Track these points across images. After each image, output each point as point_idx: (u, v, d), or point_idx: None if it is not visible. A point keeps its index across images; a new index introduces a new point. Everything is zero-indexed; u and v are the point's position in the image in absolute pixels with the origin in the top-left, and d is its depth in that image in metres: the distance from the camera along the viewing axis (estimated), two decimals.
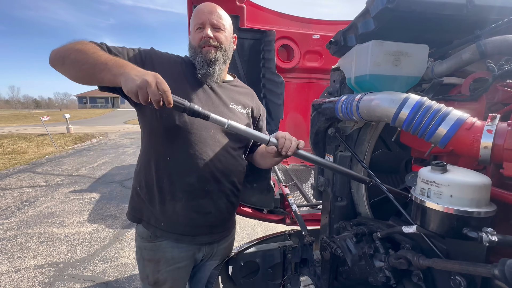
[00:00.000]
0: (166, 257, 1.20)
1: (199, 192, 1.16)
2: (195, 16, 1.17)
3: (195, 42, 1.17)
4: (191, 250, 1.24)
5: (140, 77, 0.82)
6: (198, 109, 0.91)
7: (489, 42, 0.82)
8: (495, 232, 0.62)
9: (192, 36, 1.19)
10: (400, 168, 1.28)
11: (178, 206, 1.15)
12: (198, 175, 1.14)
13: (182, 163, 1.13)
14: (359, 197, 1.24)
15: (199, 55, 1.16)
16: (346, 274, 1.22)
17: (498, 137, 0.65)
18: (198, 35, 1.16)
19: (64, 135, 13.61)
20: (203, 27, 1.15)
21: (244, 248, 1.52)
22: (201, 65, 1.16)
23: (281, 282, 1.58)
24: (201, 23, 1.15)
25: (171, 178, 1.14)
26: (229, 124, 0.96)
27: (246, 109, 1.30)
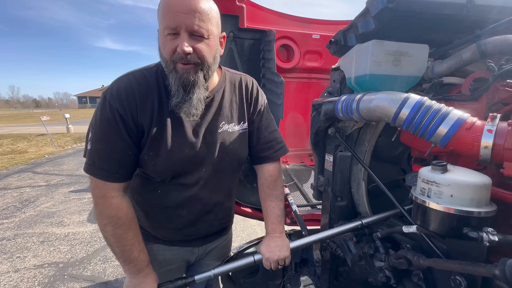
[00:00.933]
0: (157, 260, 1.18)
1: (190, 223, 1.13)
2: (165, 15, 0.82)
3: (166, 53, 0.85)
4: (183, 252, 1.23)
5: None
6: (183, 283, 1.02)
7: (489, 42, 0.82)
8: (495, 232, 0.62)
9: (161, 42, 0.86)
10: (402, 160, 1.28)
11: (169, 233, 1.15)
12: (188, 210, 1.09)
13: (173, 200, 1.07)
14: (359, 197, 1.24)
15: (173, 73, 0.88)
16: (346, 274, 1.22)
17: (499, 137, 0.65)
18: (170, 44, 0.84)
19: (64, 135, 13.60)
20: (176, 33, 0.83)
21: (244, 248, 1.52)
22: (175, 89, 0.88)
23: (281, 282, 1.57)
24: (173, 28, 0.82)
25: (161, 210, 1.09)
26: (214, 273, 1.05)
27: (241, 124, 1.10)
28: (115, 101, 0.88)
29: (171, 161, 0.96)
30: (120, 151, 0.91)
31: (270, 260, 1.09)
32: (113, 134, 0.89)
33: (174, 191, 1.05)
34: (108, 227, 0.94)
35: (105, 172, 0.90)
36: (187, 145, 0.98)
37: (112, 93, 0.89)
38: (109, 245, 0.98)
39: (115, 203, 0.93)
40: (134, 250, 0.98)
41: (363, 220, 1.09)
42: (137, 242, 0.99)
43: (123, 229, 0.95)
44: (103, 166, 0.90)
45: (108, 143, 0.89)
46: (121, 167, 0.92)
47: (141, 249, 1.00)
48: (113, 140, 0.89)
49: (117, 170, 0.92)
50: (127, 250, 0.97)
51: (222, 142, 1.05)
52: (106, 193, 0.92)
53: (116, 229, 0.94)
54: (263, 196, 1.19)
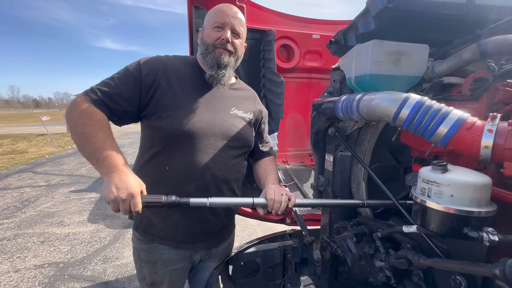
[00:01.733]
0: (163, 259, 1.19)
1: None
2: (216, 14, 1.14)
3: (210, 40, 1.14)
4: (188, 252, 1.24)
5: (116, 193, 0.86)
6: (177, 200, 0.94)
7: (489, 42, 0.82)
8: (495, 232, 0.62)
9: (207, 33, 1.16)
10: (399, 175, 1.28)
11: (177, 216, 1.14)
12: (196, 185, 1.12)
13: (181, 173, 1.10)
14: (359, 197, 1.24)
15: (212, 54, 1.14)
16: (346, 274, 1.22)
17: (499, 137, 0.65)
18: (216, 34, 1.13)
19: (64, 135, 13.61)
20: (223, 28, 1.13)
21: (244, 248, 1.52)
22: (211, 65, 1.15)
23: (281, 282, 1.58)
24: (222, 23, 1.13)
25: (169, 188, 1.09)
26: (210, 202, 0.98)
27: (248, 114, 1.27)
28: (144, 60, 1.12)
29: (186, 120, 1.08)
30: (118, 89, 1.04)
31: (275, 194, 1.05)
32: (122, 76, 1.07)
33: (182, 163, 1.10)
34: (78, 126, 0.96)
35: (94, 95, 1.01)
36: (202, 112, 1.13)
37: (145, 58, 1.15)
38: (79, 147, 0.96)
39: (91, 109, 0.99)
40: (106, 148, 0.94)
41: (366, 201, 1.06)
42: (110, 143, 0.96)
43: (94, 129, 0.96)
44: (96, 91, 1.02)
45: (114, 80, 1.06)
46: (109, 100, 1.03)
47: (114, 149, 0.96)
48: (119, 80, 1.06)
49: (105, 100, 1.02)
50: (98, 147, 0.93)
51: (232, 122, 1.20)
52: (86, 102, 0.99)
53: (86, 128, 0.95)
54: (263, 167, 1.35)
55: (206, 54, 1.15)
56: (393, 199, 0.98)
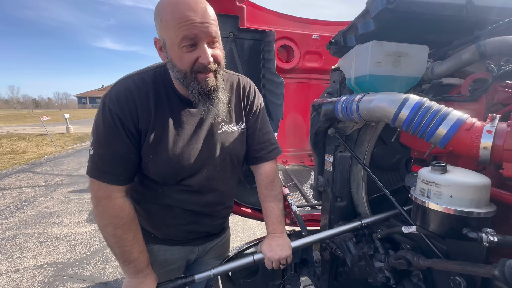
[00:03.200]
0: (159, 260, 1.19)
1: (192, 219, 1.14)
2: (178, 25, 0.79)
3: (185, 66, 0.85)
4: (184, 252, 1.24)
5: None
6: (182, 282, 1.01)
7: (488, 43, 0.83)
8: (495, 233, 0.62)
9: (175, 55, 0.84)
10: (400, 166, 1.28)
11: (170, 230, 1.16)
12: (191, 208, 1.10)
13: (175, 199, 1.07)
14: (359, 198, 1.24)
15: (194, 83, 0.88)
16: (346, 275, 1.22)
17: (498, 138, 0.65)
18: (189, 56, 0.83)
19: (63, 135, 13.59)
20: (195, 44, 0.82)
21: (244, 248, 1.52)
22: (198, 98, 0.91)
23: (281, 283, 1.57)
24: (192, 39, 0.81)
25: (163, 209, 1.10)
26: (214, 273, 1.04)
27: (240, 124, 1.12)
28: (115, 106, 0.88)
29: (171, 163, 0.97)
30: (123, 154, 0.92)
31: (272, 259, 1.08)
32: (115, 139, 0.90)
33: (176, 192, 1.05)
34: (109, 227, 0.94)
35: (109, 176, 0.91)
36: (188, 147, 0.99)
37: (111, 98, 0.90)
38: (109, 245, 0.99)
39: (118, 204, 0.94)
40: (134, 251, 0.98)
41: (363, 221, 1.09)
42: (137, 243, 0.99)
43: (124, 230, 0.96)
44: (107, 170, 0.91)
45: (110, 147, 0.90)
46: (125, 170, 0.94)
47: (141, 250, 1.01)
48: (116, 145, 0.90)
49: (121, 173, 0.93)
50: (127, 251, 0.97)
51: (222, 142, 1.06)
52: (110, 195, 0.93)
53: (117, 229, 0.94)
54: (262, 197, 1.20)
55: (186, 84, 0.89)
56: (393, 199, 0.98)
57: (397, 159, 1.27)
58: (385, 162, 1.25)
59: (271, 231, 1.17)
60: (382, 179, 1.05)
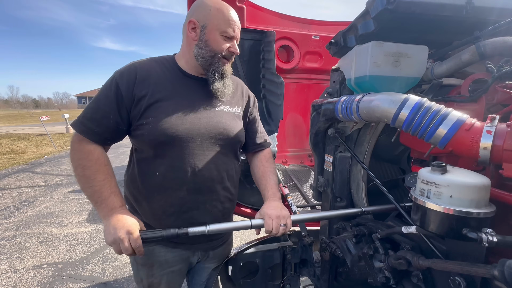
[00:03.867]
0: (159, 261, 1.18)
1: (191, 204, 1.12)
2: (226, 22, 1.06)
3: (219, 49, 1.08)
4: (185, 254, 1.23)
5: (114, 233, 0.91)
6: (175, 232, 0.95)
7: (488, 44, 0.83)
8: (494, 233, 0.62)
9: (214, 38, 1.07)
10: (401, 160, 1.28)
11: (171, 220, 1.12)
12: (188, 188, 1.10)
13: (171, 178, 1.08)
14: (359, 198, 1.24)
15: (218, 64, 1.10)
16: (346, 275, 1.22)
17: (498, 138, 0.66)
18: (225, 43, 1.08)
19: (63, 135, 13.58)
20: (230, 39, 1.09)
21: (244, 248, 1.52)
22: (217, 77, 1.11)
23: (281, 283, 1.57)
24: (231, 35, 1.08)
25: (161, 193, 1.10)
26: (208, 230, 0.99)
27: (235, 108, 1.23)
28: (118, 74, 1.06)
29: (169, 124, 1.05)
30: (103, 112, 1.03)
31: (272, 217, 1.05)
32: (103, 97, 1.04)
33: (171, 168, 1.08)
34: (79, 169, 1.00)
35: (82, 127, 1.02)
36: (185, 113, 1.09)
37: (119, 69, 1.09)
38: (81, 188, 1.02)
39: (88, 148, 1.02)
40: (105, 191, 0.99)
41: (364, 208, 1.07)
42: (108, 185, 1.01)
43: (92, 171, 1.00)
44: (83, 121, 1.03)
45: (96, 103, 1.04)
46: (97, 126, 1.02)
47: (112, 191, 1.01)
48: (101, 102, 1.04)
49: (93, 127, 1.02)
50: (97, 190, 0.99)
51: (218, 118, 1.15)
52: (81, 140, 1.02)
53: (85, 170, 1.00)
54: (261, 169, 1.28)
55: (210, 62, 1.09)
56: (392, 199, 0.99)
57: (400, 151, 1.27)
58: (388, 153, 1.25)
59: (271, 196, 1.17)
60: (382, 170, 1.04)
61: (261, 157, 1.32)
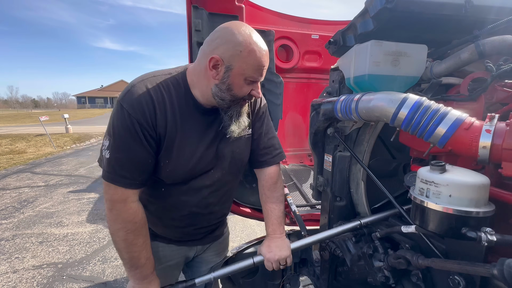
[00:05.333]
0: (157, 256, 1.19)
1: (190, 221, 1.15)
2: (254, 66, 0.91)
3: (242, 94, 0.96)
4: (182, 248, 1.26)
5: None
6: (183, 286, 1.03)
7: (487, 42, 0.83)
8: (493, 232, 0.62)
9: (238, 83, 0.93)
10: (398, 172, 1.28)
11: (168, 230, 1.17)
12: (190, 210, 1.11)
13: (176, 202, 1.09)
14: (358, 197, 1.24)
15: (236, 107, 0.99)
16: (345, 274, 1.23)
17: (497, 137, 0.66)
18: (248, 88, 0.96)
19: (63, 135, 13.57)
20: (255, 83, 0.97)
21: (243, 248, 1.52)
22: (233, 119, 1.01)
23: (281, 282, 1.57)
24: (257, 79, 0.95)
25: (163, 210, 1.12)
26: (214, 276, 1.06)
27: (246, 129, 1.12)
28: (134, 111, 0.89)
29: (188, 167, 1.00)
30: (142, 159, 0.93)
31: (271, 260, 1.09)
32: (134, 144, 0.90)
33: (180, 192, 1.07)
34: (122, 232, 0.94)
35: (127, 180, 0.92)
36: (203, 152, 1.02)
37: (130, 101, 0.89)
38: (118, 250, 0.98)
39: (133, 208, 0.95)
40: (142, 257, 0.99)
41: (362, 220, 1.09)
42: (146, 249, 1.00)
43: (135, 235, 0.96)
44: (124, 174, 0.91)
45: (129, 152, 0.91)
46: (141, 174, 0.94)
47: (148, 257, 1.02)
48: (135, 150, 0.91)
49: (137, 177, 0.93)
50: (136, 256, 0.98)
51: (230, 147, 1.09)
52: (126, 199, 0.93)
53: (128, 234, 0.95)
54: (264, 198, 1.21)
55: (229, 105, 0.98)
56: (392, 199, 0.98)
57: (394, 166, 1.27)
58: (382, 172, 1.26)
59: (271, 232, 1.17)
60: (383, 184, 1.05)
61: (264, 181, 1.20)
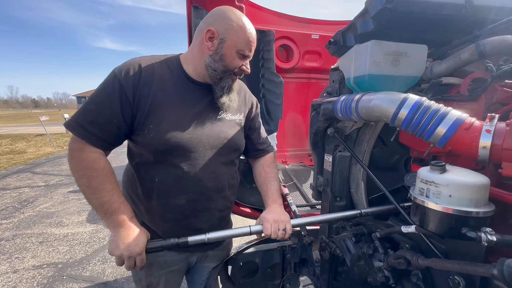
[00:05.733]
0: (158, 261, 1.18)
1: (189, 212, 1.12)
2: (245, 42, 1.03)
3: (233, 66, 1.05)
4: (184, 254, 1.23)
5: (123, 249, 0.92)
6: (175, 242, 0.96)
7: (487, 42, 0.83)
8: (493, 232, 0.62)
9: (230, 54, 1.03)
10: (399, 166, 1.28)
11: (168, 226, 1.13)
12: (187, 197, 1.09)
13: (170, 186, 1.07)
14: (358, 197, 1.24)
15: (228, 79, 1.08)
16: (345, 274, 1.22)
17: (497, 137, 0.66)
18: (239, 61, 1.06)
19: (63, 135, 13.57)
20: (245, 57, 1.07)
21: (243, 248, 1.52)
22: (224, 92, 1.08)
23: (280, 282, 1.57)
24: (247, 54, 1.06)
25: (159, 199, 1.08)
26: (208, 238, 1.00)
27: (237, 115, 1.20)
28: (120, 73, 0.98)
29: (171, 133, 1.01)
30: (106, 115, 0.95)
31: (270, 221, 1.06)
32: (106, 100, 0.96)
33: (171, 176, 1.06)
34: (83, 179, 0.94)
35: (84, 131, 0.93)
36: (188, 121, 1.05)
37: (119, 67, 1.00)
38: (87, 198, 0.96)
39: (91, 157, 0.95)
40: (114, 202, 0.95)
41: (362, 210, 1.08)
42: (116, 194, 0.97)
43: (99, 181, 0.95)
44: (84, 125, 0.94)
45: (98, 105, 0.96)
46: (100, 131, 0.95)
47: (121, 202, 0.98)
48: (104, 105, 0.95)
49: (96, 132, 0.95)
50: (106, 201, 0.94)
51: (220, 127, 1.13)
52: (83, 148, 0.95)
53: (91, 180, 0.94)
54: (263, 175, 1.28)
55: (221, 76, 1.06)
56: (392, 198, 0.98)
57: (396, 159, 1.27)
58: (384, 163, 1.26)
59: (271, 203, 1.18)
60: (381, 179, 1.05)
61: (262, 162, 1.31)
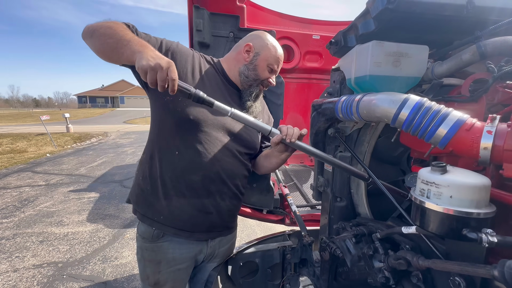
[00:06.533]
0: (167, 258, 1.19)
1: (203, 191, 1.16)
2: (275, 58, 1.24)
3: (263, 76, 1.25)
4: (193, 251, 1.24)
5: (155, 60, 0.86)
6: (203, 95, 0.94)
7: (489, 43, 0.82)
8: (494, 233, 0.62)
9: (262, 66, 1.24)
10: (401, 161, 1.28)
11: (181, 202, 1.15)
12: (204, 174, 1.15)
13: (190, 160, 1.13)
14: (359, 198, 1.24)
15: (256, 87, 1.27)
16: (346, 275, 1.22)
17: (498, 138, 0.65)
18: (267, 74, 1.26)
19: (63, 135, 13.59)
20: (273, 72, 1.27)
21: (244, 248, 1.52)
22: (252, 96, 1.27)
23: (281, 282, 1.57)
24: (275, 69, 1.26)
25: (176, 173, 1.14)
26: (232, 112, 0.99)
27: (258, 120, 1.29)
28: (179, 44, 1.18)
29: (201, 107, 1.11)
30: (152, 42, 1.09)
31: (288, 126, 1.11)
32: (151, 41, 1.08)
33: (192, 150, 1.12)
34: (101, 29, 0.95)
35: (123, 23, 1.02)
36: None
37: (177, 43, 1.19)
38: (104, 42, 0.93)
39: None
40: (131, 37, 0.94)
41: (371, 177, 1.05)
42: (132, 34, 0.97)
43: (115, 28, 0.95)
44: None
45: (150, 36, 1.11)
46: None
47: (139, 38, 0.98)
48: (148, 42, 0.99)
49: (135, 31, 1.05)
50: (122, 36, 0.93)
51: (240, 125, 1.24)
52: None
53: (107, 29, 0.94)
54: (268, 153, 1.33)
55: (251, 84, 1.25)
56: (392, 198, 0.98)
57: (400, 152, 1.27)
58: (387, 155, 1.25)
59: None
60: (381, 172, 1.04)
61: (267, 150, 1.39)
